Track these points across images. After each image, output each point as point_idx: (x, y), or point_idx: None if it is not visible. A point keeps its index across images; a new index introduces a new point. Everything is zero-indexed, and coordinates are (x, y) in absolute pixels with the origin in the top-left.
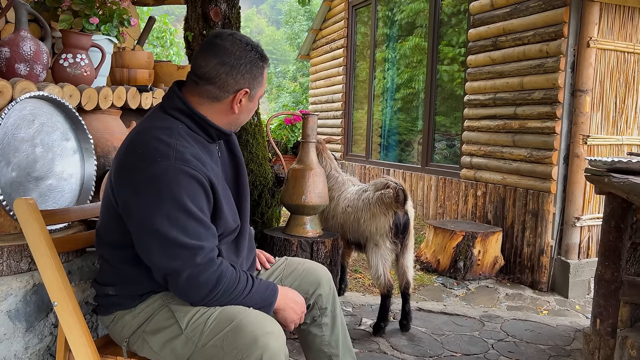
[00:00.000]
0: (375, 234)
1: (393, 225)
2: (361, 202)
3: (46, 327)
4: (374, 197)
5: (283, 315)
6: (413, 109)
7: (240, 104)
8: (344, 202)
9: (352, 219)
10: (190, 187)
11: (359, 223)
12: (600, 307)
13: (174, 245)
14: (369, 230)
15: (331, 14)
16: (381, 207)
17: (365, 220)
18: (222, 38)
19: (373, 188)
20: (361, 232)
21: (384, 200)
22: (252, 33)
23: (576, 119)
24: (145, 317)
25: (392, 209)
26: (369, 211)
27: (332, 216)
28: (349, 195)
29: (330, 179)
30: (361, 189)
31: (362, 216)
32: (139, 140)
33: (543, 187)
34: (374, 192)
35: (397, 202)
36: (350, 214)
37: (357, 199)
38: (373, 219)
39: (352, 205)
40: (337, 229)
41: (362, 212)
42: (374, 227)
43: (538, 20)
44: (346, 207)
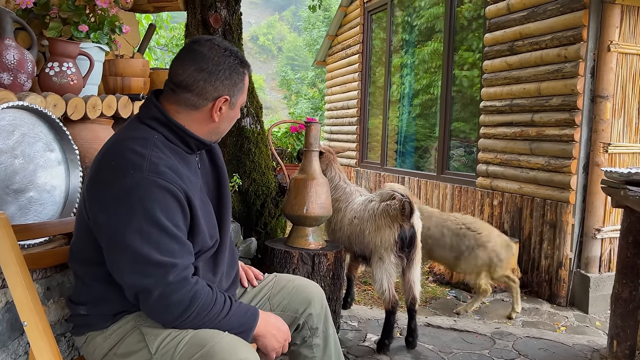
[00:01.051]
0: (380, 247)
1: (398, 239)
2: (367, 213)
3: (21, 347)
4: (379, 208)
5: (263, 343)
6: (432, 115)
7: (221, 112)
8: (351, 213)
9: (357, 231)
10: (164, 200)
11: (364, 235)
12: (618, 327)
13: (145, 263)
14: (373, 243)
15: (347, 19)
16: (386, 219)
17: (370, 232)
18: (200, 44)
19: (379, 198)
20: (366, 244)
21: (390, 212)
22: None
23: (596, 126)
24: (116, 340)
25: (398, 221)
26: (374, 223)
27: (339, 228)
28: (356, 206)
29: (338, 189)
30: (367, 199)
31: (367, 228)
32: (112, 151)
33: (561, 197)
34: (380, 203)
35: (402, 215)
36: (356, 225)
37: (363, 209)
38: (378, 232)
39: (358, 217)
40: (344, 241)
41: (367, 223)
42: (379, 240)
43: (556, 24)
44: (352, 219)
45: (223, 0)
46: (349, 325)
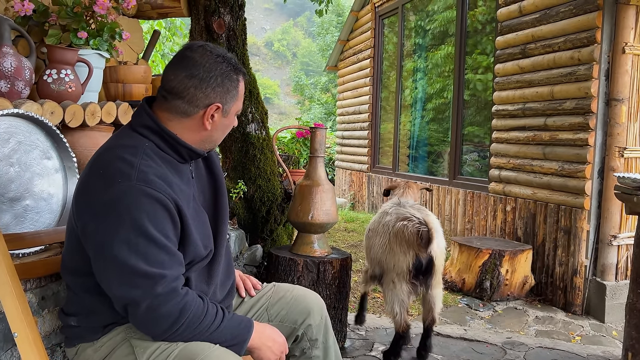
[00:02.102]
0: (392, 272)
1: (413, 268)
2: (381, 227)
3: (14, 357)
4: (394, 227)
5: (259, 355)
6: (445, 120)
7: (213, 120)
8: (370, 224)
9: (370, 244)
10: (152, 210)
11: (375, 250)
12: (632, 339)
13: (133, 274)
14: (385, 263)
15: (358, 24)
16: (400, 242)
17: (384, 251)
18: (192, 50)
19: (395, 215)
20: (377, 260)
21: (405, 236)
22: (288, 46)
23: (611, 130)
24: (106, 352)
25: (414, 249)
26: (388, 244)
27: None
28: (374, 219)
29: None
30: (384, 210)
31: (380, 244)
32: (101, 159)
33: (576, 203)
34: (396, 220)
35: (419, 244)
36: (369, 238)
37: (378, 222)
38: (391, 254)
39: (373, 229)
40: (366, 254)
41: (380, 239)
42: (391, 264)
43: (569, 26)
44: (369, 231)
45: (227, 6)
46: (357, 334)
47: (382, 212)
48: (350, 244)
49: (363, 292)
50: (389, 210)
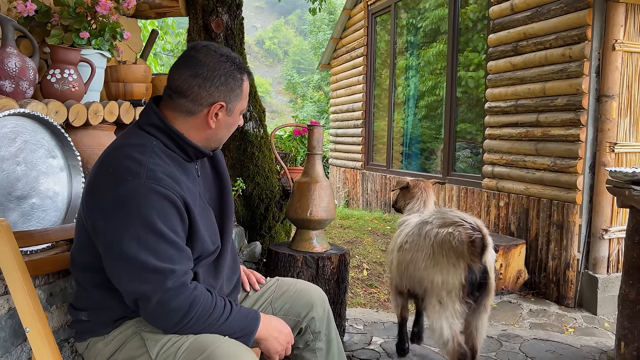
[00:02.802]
0: (440, 290)
1: (466, 282)
2: (422, 240)
3: (24, 353)
4: (438, 235)
5: (266, 346)
6: (437, 117)
7: (217, 119)
8: (402, 236)
9: (408, 260)
10: (161, 207)
11: (416, 267)
12: (625, 329)
13: (144, 269)
14: (430, 281)
15: (351, 22)
16: (449, 254)
17: (427, 266)
18: (196, 49)
19: (438, 222)
20: (418, 279)
21: (454, 245)
22: (280, 44)
23: (602, 125)
24: (117, 345)
25: (465, 260)
26: (433, 256)
27: (389, 257)
28: (408, 229)
29: (405, 213)
30: (422, 221)
31: (422, 259)
32: (110, 158)
33: (568, 198)
34: (439, 228)
35: (471, 253)
36: (406, 252)
37: (417, 233)
38: (437, 268)
39: (410, 242)
40: (393, 272)
41: (422, 253)
42: (438, 280)
43: (560, 24)
44: (403, 244)
45: (224, 5)
46: (355, 328)
47: (421, 222)
48: (346, 240)
49: (400, 318)
50: (429, 219)
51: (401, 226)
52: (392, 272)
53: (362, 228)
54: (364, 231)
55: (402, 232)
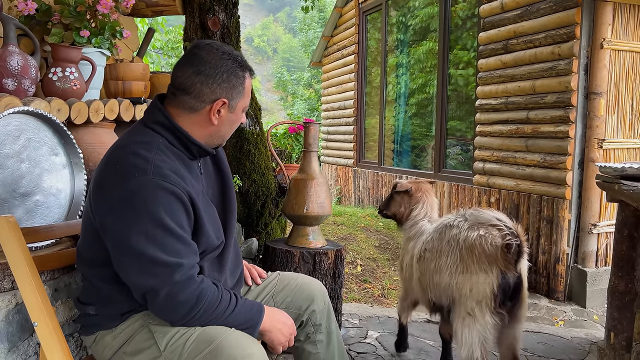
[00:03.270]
0: (469, 299)
1: (499, 291)
2: (445, 244)
3: (30, 347)
4: (468, 239)
5: (270, 337)
6: (428, 114)
7: (219, 115)
8: (420, 244)
9: (431, 269)
10: (168, 202)
11: (441, 275)
12: (615, 320)
13: (152, 263)
14: (458, 290)
15: (342, 20)
16: (480, 259)
17: (452, 272)
18: (199, 48)
19: (467, 224)
20: (443, 288)
21: (486, 249)
22: (269, 41)
23: (591, 122)
24: (125, 338)
25: (499, 265)
26: (461, 261)
27: (403, 267)
28: (426, 236)
29: (413, 227)
30: (444, 224)
31: (447, 265)
32: (117, 155)
33: (558, 193)
34: (469, 231)
35: (505, 259)
36: (428, 261)
37: (439, 238)
38: (466, 276)
39: (431, 249)
40: (409, 284)
41: (448, 258)
42: (467, 288)
43: (549, 22)
44: (422, 252)
45: (221, 4)
46: (351, 322)
47: (442, 226)
48: (340, 236)
49: (402, 322)
50: (453, 222)
51: (414, 236)
52: (412, 286)
53: (355, 225)
54: (357, 228)
55: (418, 241)
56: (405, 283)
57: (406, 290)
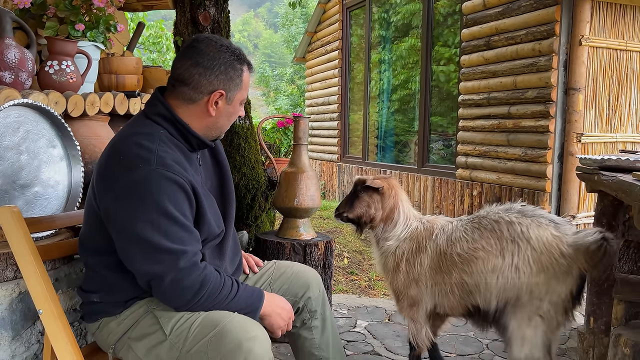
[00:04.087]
0: (544, 301)
1: (576, 292)
2: (506, 243)
3: (33, 335)
4: (543, 237)
5: (269, 322)
6: (410, 110)
7: (217, 107)
8: (456, 242)
9: (483, 270)
10: (172, 191)
11: (502, 276)
12: (594, 305)
13: (157, 250)
14: (528, 292)
15: (326, 16)
16: (559, 258)
17: (520, 273)
18: (198, 41)
19: (532, 222)
20: (502, 290)
21: (564, 250)
22: (249, 37)
23: (570, 117)
24: (130, 324)
25: (580, 266)
26: (534, 261)
27: (422, 275)
28: (461, 233)
29: (410, 229)
30: (488, 220)
31: (513, 265)
32: (120, 146)
33: (538, 186)
34: (539, 230)
35: (595, 260)
36: (475, 261)
37: (485, 236)
38: (543, 275)
39: (474, 249)
40: (421, 290)
41: (514, 258)
42: (542, 290)
43: (530, 19)
44: (456, 253)
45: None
46: (340, 312)
47: (486, 221)
48: (326, 230)
49: (425, 343)
50: (501, 218)
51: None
52: (430, 291)
53: None
54: None
55: (434, 242)
56: (413, 290)
57: (417, 299)
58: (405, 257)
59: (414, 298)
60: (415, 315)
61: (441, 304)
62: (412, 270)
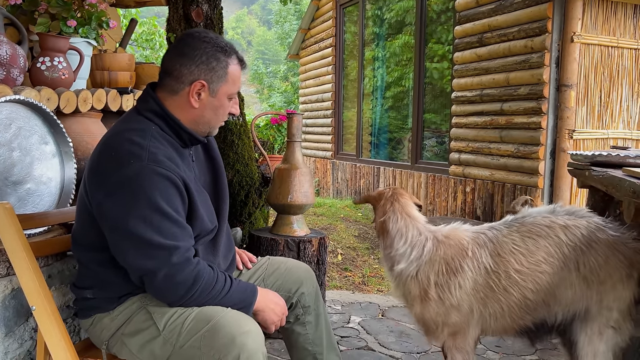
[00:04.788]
0: (613, 310)
1: (638, 297)
2: (568, 251)
3: (26, 332)
4: (606, 240)
5: (263, 317)
6: (404, 107)
7: (200, 98)
8: (508, 256)
9: (554, 282)
10: (163, 187)
11: (572, 288)
12: None
13: (150, 246)
14: (597, 302)
15: (319, 13)
16: (623, 262)
17: (588, 282)
18: (187, 34)
19: (586, 223)
20: (566, 304)
21: (626, 251)
22: (243, 34)
23: (562, 113)
24: (123, 320)
25: (638, 270)
26: (600, 268)
27: (464, 300)
28: (509, 246)
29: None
30: (539, 227)
31: (580, 275)
32: (112, 142)
33: (530, 182)
34: (598, 232)
35: None
36: (543, 275)
37: (556, 243)
38: (610, 282)
39: (548, 258)
40: (468, 317)
41: (580, 266)
42: (610, 298)
43: (522, 16)
44: (530, 264)
45: None
46: (333, 308)
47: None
48: (320, 227)
49: None
50: (548, 223)
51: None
52: (480, 317)
53: (334, 215)
54: (336, 218)
55: (475, 257)
56: (454, 318)
57: (461, 327)
58: (433, 282)
59: (457, 326)
60: (461, 345)
61: (493, 328)
62: (447, 296)
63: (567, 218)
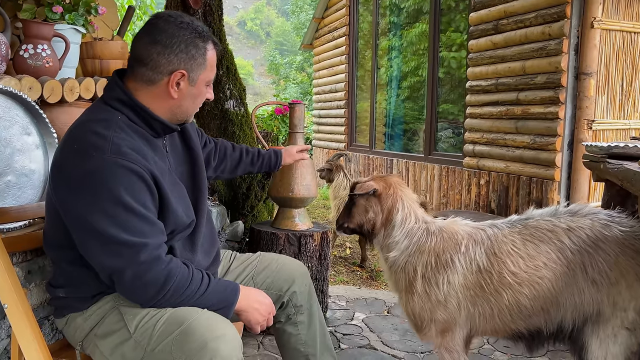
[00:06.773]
0: (629, 311)
1: None
2: (577, 255)
3: (3, 330)
4: (621, 239)
5: (246, 317)
6: (420, 97)
7: (179, 88)
8: (505, 257)
9: (556, 288)
10: (128, 181)
11: (586, 289)
12: None
13: (115, 243)
14: (611, 304)
15: (333, 1)
16: (635, 259)
17: (603, 282)
18: (158, 17)
19: (602, 220)
20: (577, 305)
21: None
22: (262, 24)
23: (580, 103)
24: (96, 320)
25: None
26: (613, 266)
27: (452, 295)
28: (508, 247)
29: (417, 237)
30: (555, 223)
31: (596, 275)
32: (75, 134)
33: (547, 175)
34: (612, 230)
35: None
36: (542, 280)
37: (559, 248)
38: (624, 282)
39: (549, 264)
40: (454, 313)
41: (594, 266)
42: (626, 298)
43: (540, 1)
44: (529, 269)
45: None
46: (338, 304)
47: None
48: (329, 220)
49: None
50: (573, 223)
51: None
52: (469, 314)
53: None
54: None
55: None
56: (441, 314)
57: (449, 325)
58: (420, 274)
59: (445, 323)
60: (450, 344)
61: (482, 328)
62: (433, 291)
63: (570, 219)
